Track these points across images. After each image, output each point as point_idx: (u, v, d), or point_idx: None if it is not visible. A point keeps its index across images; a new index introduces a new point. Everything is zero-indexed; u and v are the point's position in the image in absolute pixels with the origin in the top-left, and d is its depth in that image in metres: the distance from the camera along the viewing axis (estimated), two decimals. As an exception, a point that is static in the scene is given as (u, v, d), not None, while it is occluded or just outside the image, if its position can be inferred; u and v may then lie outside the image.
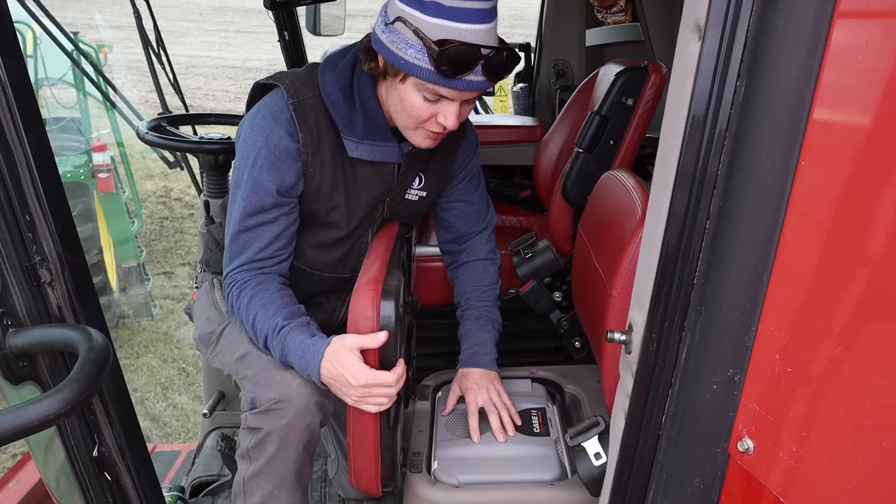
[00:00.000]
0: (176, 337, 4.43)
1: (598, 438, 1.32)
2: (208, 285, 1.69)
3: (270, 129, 1.39)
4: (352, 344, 1.29)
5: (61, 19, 2.77)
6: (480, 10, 1.25)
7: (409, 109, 1.34)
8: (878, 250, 0.71)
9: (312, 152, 1.42)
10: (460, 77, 1.26)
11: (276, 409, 1.34)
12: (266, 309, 1.38)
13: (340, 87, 1.41)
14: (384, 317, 1.29)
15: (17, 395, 1.00)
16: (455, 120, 1.34)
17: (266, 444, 1.36)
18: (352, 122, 1.41)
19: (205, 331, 1.61)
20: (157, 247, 5.75)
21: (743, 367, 0.87)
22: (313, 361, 1.31)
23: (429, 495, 1.45)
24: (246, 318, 1.40)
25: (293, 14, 2.61)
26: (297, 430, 1.35)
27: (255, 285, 1.41)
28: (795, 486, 0.82)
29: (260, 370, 1.40)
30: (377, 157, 1.46)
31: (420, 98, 1.32)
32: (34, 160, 0.91)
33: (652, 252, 0.96)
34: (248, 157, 1.40)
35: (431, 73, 1.26)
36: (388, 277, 1.36)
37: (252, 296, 1.40)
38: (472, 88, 1.29)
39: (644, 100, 2.13)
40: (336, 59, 1.45)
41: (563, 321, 2.13)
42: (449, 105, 1.33)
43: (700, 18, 0.83)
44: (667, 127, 0.93)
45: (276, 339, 1.35)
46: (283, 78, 1.44)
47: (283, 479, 1.40)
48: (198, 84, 11.70)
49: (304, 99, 1.41)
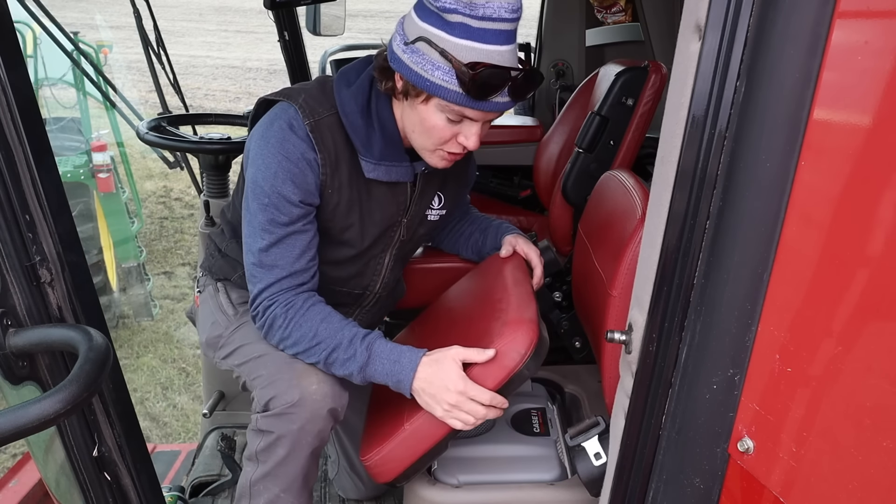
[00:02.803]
0: (176, 337, 4.43)
1: (598, 438, 1.32)
2: (212, 289, 1.67)
3: (291, 141, 1.35)
4: (456, 354, 1.30)
5: (61, 19, 2.77)
6: (506, 31, 1.23)
7: (431, 130, 1.32)
8: (878, 250, 0.71)
9: (331, 173, 1.38)
10: (488, 99, 1.25)
11: (290, 414, 1.33)
12: (329, 322, 1.35)
13: (359, 106, 1.38)
14: (532, 359, 1.31)
15: (17, 395, 1.00)
16: (476, 141, 1.32)
17: (276, 448, 1.35)
18: (370, 142, 1.39)
19: (212, 334, 1.59)
20: (157, 247, 5.75)
21: (743, 367, 0.87)
22: (409, 366, 1.31)
23: (429, 495, 1.45)
24: (299, 334, 1.35)
25: (293, 14, 2.61)
26: (308, 436, 1.34)
27: (303, 301, 1.38)
28: (795, 486, 0.82)
29: (276, 371, 1.38)
30: (392, 178, 1.43)
31: (443, 119, 1.30)
32: (34, 160, 0.91)
33: (652, 252, 0.96)
34: (266, 171, 1.34)
35: (459, 95, 1.24)
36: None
37: (304, 312, 1.36)
38: (497, 110, 1.28)
39: (644, 100, 2.13)
40: (351, 75, 1.42)
41: (563, 321, 2.13)
42: (471, 126, 1.31)
43: (700, 18, 0.83)
44: (667, 127, 0.93)
45: (360, 346, 1.33)
46: (294, 95, 1.39)
47: (291, 483, 1.39)
48: (198, 84, 11.70)
49: (320, 119, 1.37)
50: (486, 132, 1.37)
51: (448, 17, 1.21)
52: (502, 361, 1.30)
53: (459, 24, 1.21)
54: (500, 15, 1.21)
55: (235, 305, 1.60)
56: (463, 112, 1.28)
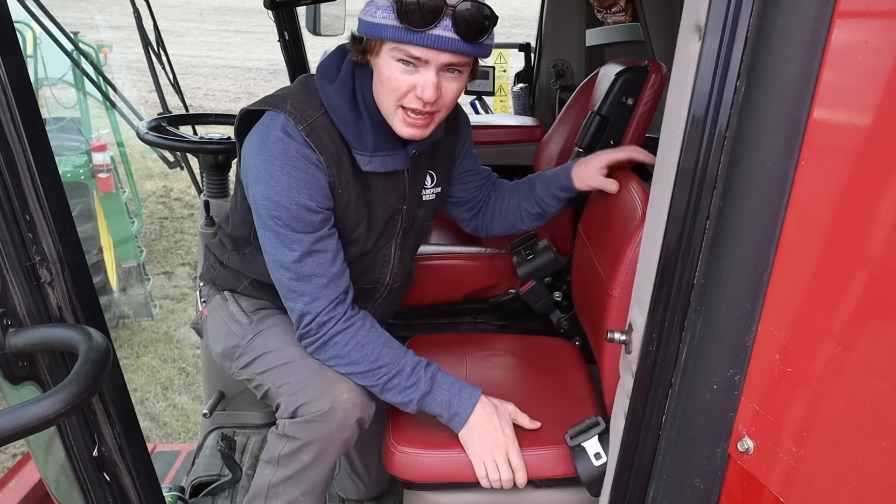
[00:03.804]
0: (176, 337, 4.43)
1: (598, 438, 1.32)
2: (220, 299, 1.62)
3: (293, 149, 1.31)
4: (514, 410, 1.41)
5: (61, 19, 2.76)
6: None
7: (388, 82, 1.27)
8: (878, 250, 0.71)
9: (337, 173, 1.36)
10: (427, 31, 1.20)
11: (319, 422, 1.32)
12: (390, 348, 1.37)
13: (345, 99, 1.35)
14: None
15: (17, 395, 1.00)
16: (432, 90, 1.25)
17: (301, 454, 1.35)
18: (362, 135, 1.36)
19: (228, 345, 1.55)
20: (157, 247, 5.75)
21: (743, 367, 0.87)
22: (469, 402, 1.36)
23: (429, 495, 1.45)
24: (359, 355, 1.35)
25: (293, 14, 2.61)
26: (335, 444, 1.34)
27: (363, 322, 1.38)
28: (795, 486, 0.82)
29: (306, 378, 1.36)
30: (389, 168, 1.41)
31: (398, 67, 1.25)
32: (34, 160, 0.91)
33: (652, 252, 0.96)
34: (278, 186, 1.30)
35: (399, 29, 1.21)
36: None
37: (366, 333, 1.37)
38: (443, 46, 1.21)
39: (644, 100, 2.13)
40: (331, 68, 1.39)
41: (563, 321, 2.13)
42: (426, 73, 1.25)
43: (700, 18, 0.83)
44: (667, 127, 0.93)
45: (424, 375, 1.36)
46: (280, 103, 1.35)
47: (312, 488, 1.39)
48: (198, 84, 11.70)
49: (312, 121, 1.33)
50: (453, 92, 1.30)
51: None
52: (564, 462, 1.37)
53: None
54: None
55: (248, 314, 1.57)
56: (409, 51, 1.23)
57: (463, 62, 1.27)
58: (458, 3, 1.20)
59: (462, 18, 1.20)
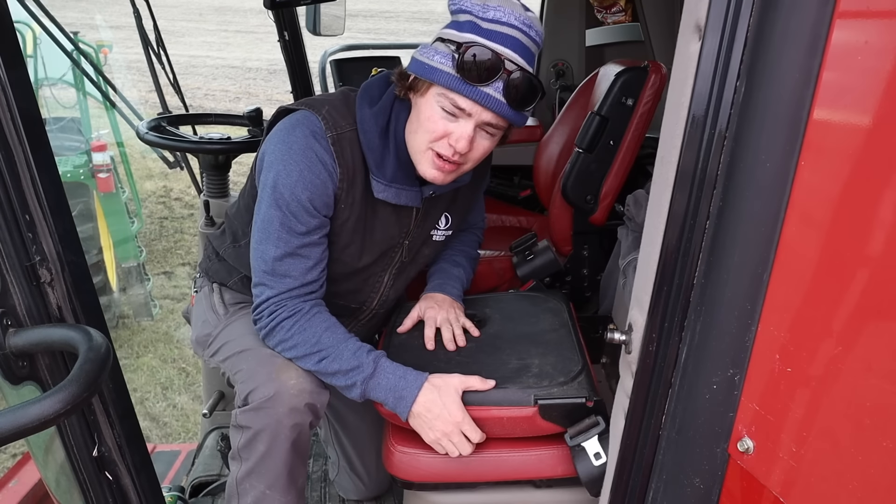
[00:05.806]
0: (176, 337, 4.43)
1: (598, 438, 1.32)
2: (207, 290, 1.68)
3: (314, 150, 1.34)
4: (459, 383, 1.33)
5: (61, 19, 2.76)
6: (513, 37, 1.24)
7: (426, 123, 1.30)
8: (878, 250, 0.71)
9: (347, 188, 1.38)
10: (479, 86, 1.24)
11: (266, 408, 1.33)
12: (333, 332, 1.36)
13: (379, 127, 1.37)
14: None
15: (17, 395, 1.00)
16: (466, 142, 1.28)
17: (256, 444, 1.36)
18: (384, 163, 1.38)
19: (202, 333, 1.61)
20: (157, 247, 5.75)
21: (743, 367, 0.87)
22: (414, 385, 1.32)
23: (429, 495, 1.45)
24: (300, 338, 1.36)
25: (293, 14, 2.61)
26: (285, 429, 1.34)
27: (309, 309, 1.38)
28: (795, 486, 0.82)
29: (256, 364, 1.39)
30: (401, 201, 1.43)
31: (438, 111, 1.29)
32: (34, 160, 0.91)
33: (652, 252, 0.96)
34: (288, 177, 1.33)
35: (452, 77, 1.24)
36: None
37: (310, 318, 1.37)
38: (489, 104, 1.25)
39: (644, 100, 2.13)
40: (374, 91, 1.41)
41: (563, 321, 2.13)
42: (465, 125, 1.28)
43: (700, 19, 0.83)
44: (667, 127, 0.93)
45: (367, 357, 1.34)
46: (318, 106, 1.39)
47: (276, 479, 1.39)
48: (198, 84, 11.70)
49: (342, 132, 1.36)
50: (483, 148, 1.34)
51: (460, 18, 1.27)
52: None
53: (468, 22, 1.25)
54: (509, 20, 1.24)
55: (227, 306, 1.62)
56: (456, 101, 1.26)
57: (500, 124, 1.31)
58: (514, 70, 1.25)
59: (513, 84, 1.25)
